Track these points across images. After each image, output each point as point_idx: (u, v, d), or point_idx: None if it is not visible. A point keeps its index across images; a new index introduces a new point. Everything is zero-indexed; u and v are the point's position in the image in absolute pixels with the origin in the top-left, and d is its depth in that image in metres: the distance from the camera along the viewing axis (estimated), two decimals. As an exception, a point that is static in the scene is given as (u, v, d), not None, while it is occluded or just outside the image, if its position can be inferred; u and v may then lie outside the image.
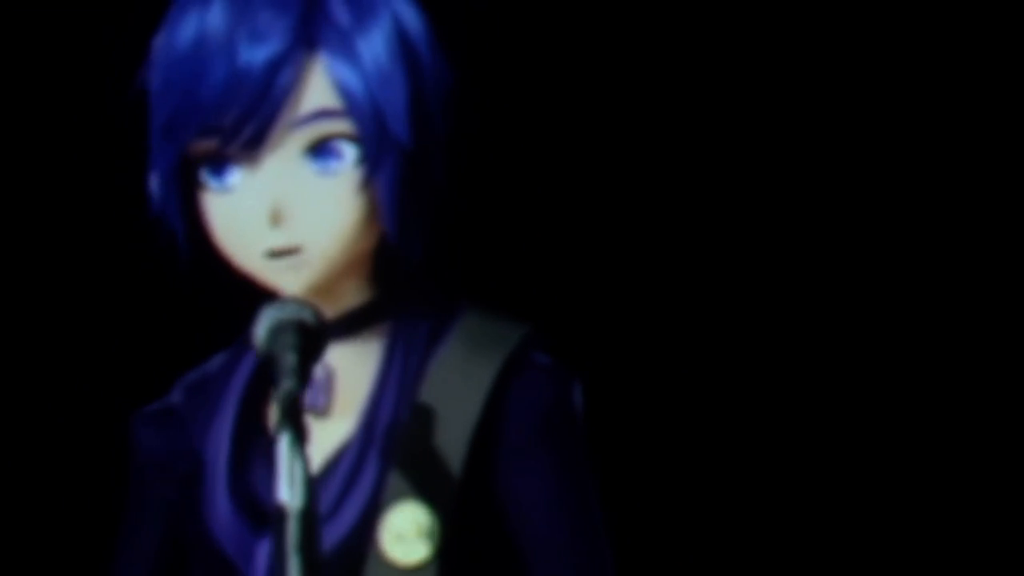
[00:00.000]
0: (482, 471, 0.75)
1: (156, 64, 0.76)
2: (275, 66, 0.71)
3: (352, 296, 0.78)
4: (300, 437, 0.59)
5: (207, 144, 0.73)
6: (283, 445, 0.57)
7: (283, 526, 0.56)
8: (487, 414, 0.74)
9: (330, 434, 0.76)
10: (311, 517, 0.58)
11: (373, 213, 0.75)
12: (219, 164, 0.74)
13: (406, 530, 0.72)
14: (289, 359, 0.64)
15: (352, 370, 0.77)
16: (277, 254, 0.73)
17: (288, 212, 0.72)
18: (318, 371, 0.74)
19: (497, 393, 0.75)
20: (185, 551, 0.81)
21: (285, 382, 0.62)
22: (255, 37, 0.72)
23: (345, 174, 0.74)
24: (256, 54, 0.72)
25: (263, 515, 0.72)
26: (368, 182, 0.74)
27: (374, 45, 0.74)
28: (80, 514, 1.53)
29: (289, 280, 0.74)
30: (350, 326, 0.78)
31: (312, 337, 0.66)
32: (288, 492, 0.56)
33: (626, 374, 1.51)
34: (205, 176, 0.75)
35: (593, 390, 0.80)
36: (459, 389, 0.76)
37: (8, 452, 1.57)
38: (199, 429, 0.80)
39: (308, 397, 0.72)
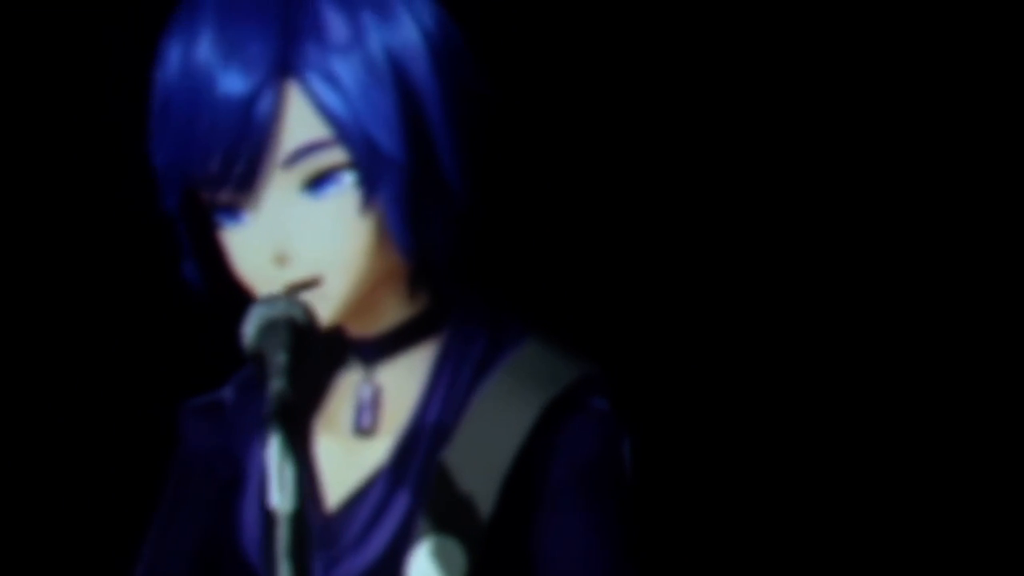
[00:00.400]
0: (516, 513, 0.72)
1: (153, 103, 0.75)
2: (252, 99, 0.69)
3: (393, 313, 0.77)
4: (291, 439, 0.58)
5: (206, 189, 0.72)
6: (273, 447, 0.56)
7: (273, 531, 0.54)
8: (526, 455, 0.72)
9: (371, 454, 0.75)
10: (302, 521, 0.56)
11: (384, 232, 0.73)
12: (230, 206, 0.73)
13: (433, 567, 0.71)
14: (279, 358, 0.62)
15: (399, 389, 0.76)
16: (296, 289, 0.71)
17: (295, 252, 0.71)
18: (364, 390, 0.75)
19: (539, 434, 0.72)
20: (217, 557, 0.80)
21: (275, 382, 0.61)
22: (232, 70, 0.70)
23: (346, 198, 0.72)
24: (233, 88, 0.70)
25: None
26: (369, 204, 0.72)
27: (352, 62, 0.72)
28: (97, 510, 1.55)
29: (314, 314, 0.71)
30: (395, 344, 0.77)
31: (303, 335, 0.65)
32: (278, 496, 0.54)
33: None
34: (218, 215, 0.74)
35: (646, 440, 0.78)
36: (500, 425, 0.73)
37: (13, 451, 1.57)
38: (244, 433, 0.78)
39: (355, 417, 0.75)
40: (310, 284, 0.71)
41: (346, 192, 0.72)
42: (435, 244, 0.75)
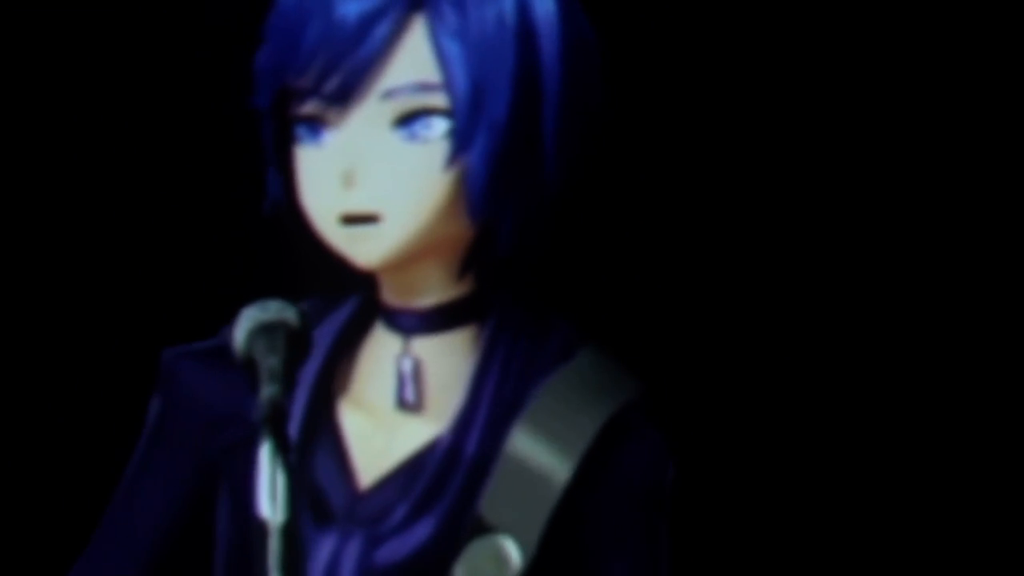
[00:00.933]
0: (570, 525, 0.73)
1: (273, 8, 0.75)
2: (369, 20, 0.69)
3: (437, 289, 0.76)
4: (282, 447, 0.56)
5: (299, 96, 0.71)
6: (264, 455, 0.54)
7: (264, 542, 0.53)
8: (584, 467, 0.72)
9: (415, 431, 0.75)
10: (294, 534, 0.54)
11: (460, 196, 0.72)
12: (314, 120, 0.73)
13: (486, 564, 0.71)
14: (270, 362, 0.61)
15: (439, 367, 0.75)
16: (351, 220, 0.70)
17: (364, 175, 0.70)
18: (404, 363, 0.73)
19: (598, 449, 0.73)
20: (206, 529, 0.78)
21: (267, 387, 0.59)
22: None
23: (433, 144, 0.71)
24: (352, 6, 0.69)
25: (327, 510, 0.71)
26: (456, 158, 0.71)
27: (485, 14, 0.71)
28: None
29: (363, 250, 0.72)
30: (436, 321, 0.76)
31: (295, 340, 0.63)
32: (269, 506, 0.53)
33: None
34: (300, 130, 0.73)
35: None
36: (561, 431, 0.73)
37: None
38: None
39: (398, 391, 0.73)
40: (369, 218, 0.70)
41: (435, 140, 0.71)
42: (507, 223, 0.73)
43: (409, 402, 0.74)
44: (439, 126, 0.71)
